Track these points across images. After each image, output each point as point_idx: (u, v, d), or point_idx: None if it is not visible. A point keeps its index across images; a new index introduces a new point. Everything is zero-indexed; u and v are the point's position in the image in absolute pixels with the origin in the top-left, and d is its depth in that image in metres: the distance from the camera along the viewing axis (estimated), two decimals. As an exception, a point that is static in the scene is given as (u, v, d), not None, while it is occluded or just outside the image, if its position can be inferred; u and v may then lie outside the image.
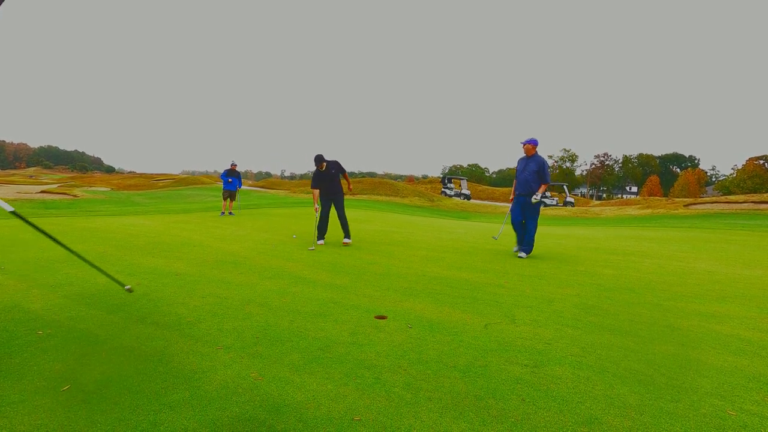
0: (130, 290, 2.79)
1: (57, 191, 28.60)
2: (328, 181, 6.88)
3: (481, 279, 4.45)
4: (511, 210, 6.31)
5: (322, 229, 6.93)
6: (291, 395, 1.91)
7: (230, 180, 12.37)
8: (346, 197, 6.96)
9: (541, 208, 6.44)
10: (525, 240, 5.97)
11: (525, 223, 6.05)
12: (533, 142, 6.06)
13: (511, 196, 6.51)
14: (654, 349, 2.57)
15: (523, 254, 5.87)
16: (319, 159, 6.76)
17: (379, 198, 26.93)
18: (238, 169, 12.63)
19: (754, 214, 17.49)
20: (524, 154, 6.18)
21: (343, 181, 7.27)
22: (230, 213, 12.48)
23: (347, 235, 6.95)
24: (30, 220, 2.44)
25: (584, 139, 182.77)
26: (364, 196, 27.70)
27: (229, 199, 12.49)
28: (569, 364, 2.33)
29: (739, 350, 2.60)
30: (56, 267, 4.39)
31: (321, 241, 6.87)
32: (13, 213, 2.36)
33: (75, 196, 24.75)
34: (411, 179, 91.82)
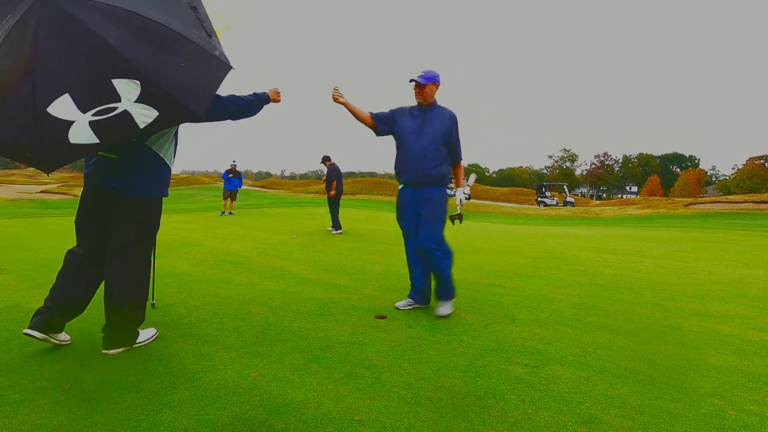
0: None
1: (57, 191, 28.65)
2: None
3: (481, 279, 4.45)
4: (398, 219, 3.34)
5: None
6: (291, 395, 1.91)
7: (230, 176, 12.46)
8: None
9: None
10: (433, 283, 3.17)
11: (420, 243, 3.10)
12: (435, 79, 3.09)
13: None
14: (654, 349, 2.57)
15: (444, 310, 3.09)
16: (324, 158, 9.03)
17: (379, 198, 26.92)
18: (238, 168, 12.68)
19: (754, 214, 17.49)
20: (415, 102, 3.19)
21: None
22: (230, 213, 12.51)
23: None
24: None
25: (584, 139, 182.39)
26: (364, 196, 27.70)
27: (229, 198, 12.56)
28: (569, 364, 2.33)
29: (739, 350, 2.60)
30: (56, 267, 4.37)
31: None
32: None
33: (75, 195, 24.76)
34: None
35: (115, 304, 2.27)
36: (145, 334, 2.48)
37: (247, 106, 2.54)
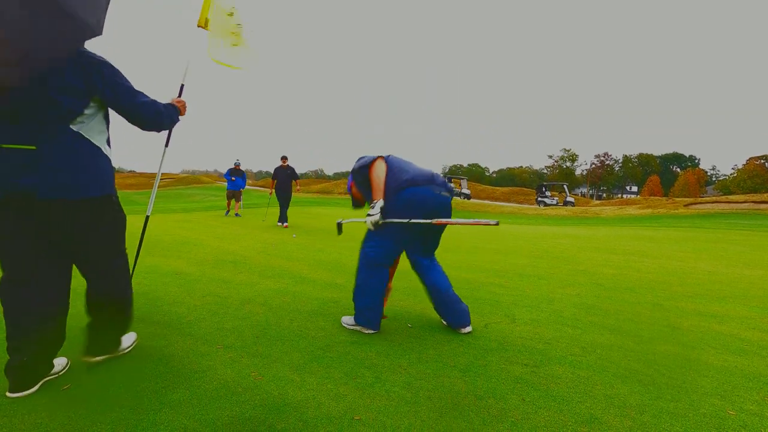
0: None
1: (57, 190, 28.49)
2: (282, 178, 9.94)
3: (481, 279, 4.45)
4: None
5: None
6: (291, 395, 1.91)
7: (233, 179, 12.05)
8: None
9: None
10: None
11: None
12: (349, 184, 3.25)
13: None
14: (654, 349, 2.57)
15: (346, 320, 2.87)
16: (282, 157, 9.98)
17: (379, 197, 26.87)
18: (241, 168, 12.22)
19: (754, 214, 17.51)
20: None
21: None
22: (236, 214, 12.25)
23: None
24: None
25: (584, 139, 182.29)
26: (364, 195, 27.65)
27: (233, 199, 12.25)
28: (569, 364, 2.33)
29: (740, 350, 2.60)
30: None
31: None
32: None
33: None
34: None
35: (97, 305, 2.07)
36: (127, 340, 2.34)
37: (163, 112, 2.08)
